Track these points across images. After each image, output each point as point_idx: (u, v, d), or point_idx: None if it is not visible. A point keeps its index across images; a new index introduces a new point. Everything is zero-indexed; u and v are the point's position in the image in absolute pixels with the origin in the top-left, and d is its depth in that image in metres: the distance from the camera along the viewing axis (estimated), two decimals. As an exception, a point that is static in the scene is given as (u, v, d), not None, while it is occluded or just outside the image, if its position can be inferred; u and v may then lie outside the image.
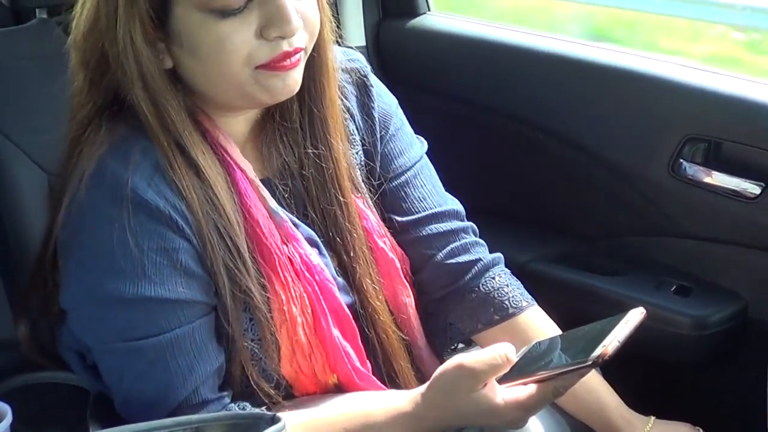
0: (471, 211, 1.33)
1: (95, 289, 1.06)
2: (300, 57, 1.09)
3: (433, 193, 1.29)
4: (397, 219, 1.26)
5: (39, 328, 1.22)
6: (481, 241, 1.31)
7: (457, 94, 1.91)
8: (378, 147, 1.26)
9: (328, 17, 1.14)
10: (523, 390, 1.00)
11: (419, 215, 1.27)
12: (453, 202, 1.31)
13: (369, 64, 1.30)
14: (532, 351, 1.04)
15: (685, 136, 1.59)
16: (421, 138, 1.34)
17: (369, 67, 1.29)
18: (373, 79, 1.28)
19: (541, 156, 1.80)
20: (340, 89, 1.22)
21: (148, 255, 1.05)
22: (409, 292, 1.25)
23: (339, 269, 1.19)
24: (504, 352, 1.00)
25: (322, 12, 1.12)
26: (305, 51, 1.10)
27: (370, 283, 1.19)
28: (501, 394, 1.01)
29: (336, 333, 1.14)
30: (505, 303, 1.26)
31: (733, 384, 1.58)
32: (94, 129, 1.09)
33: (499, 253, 1.31)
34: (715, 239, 1.60)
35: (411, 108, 1.34)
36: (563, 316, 1.26)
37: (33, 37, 1.56)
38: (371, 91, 1.26)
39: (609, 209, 1.73)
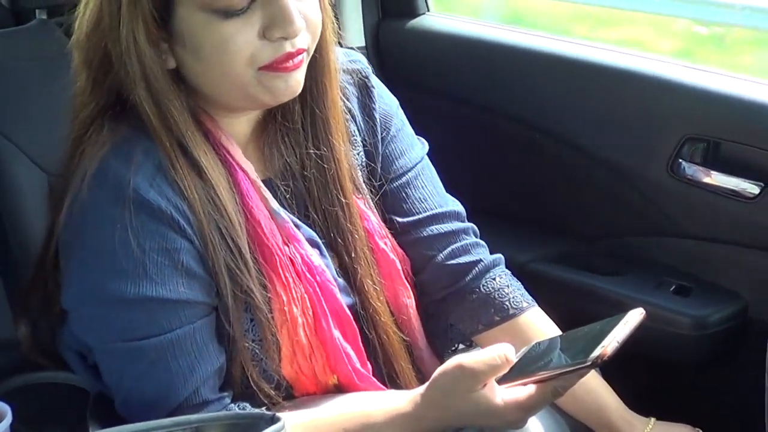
0: (471, 212, 1.33)
1: (97, 289, 1.06)
2: (302, 58, 1.09)
3: (434, 194, 1.29)
4: (398, 220, 1.26)
5: (39, 328, 1.22)
6: (482, 242, 1.31)
7: (456, 95, 1.91)
8: (379, 148, 1.26)
9: (330, 18, 1.14)
10: (523, 390, 1.00)
11: (420, 216, 1.27)
12: (454, 203, 1.31)
13: (368, 64, 1.30)
14: (532, 351, 1.04)
15: (684, 136, 1.59)
16: (422, 139, 1.34)
17: (370, 68, 1.29)
18: (375, 80, 1.28)
19: (541, 156, 1.80)
20: (342, 90, 1.22)
21: (150, 255, 1.05)
22: (410, 293, 1.25)
23: (340, 270, 1.19)
24: (503, 353, 1.00)
25: (324, 13, 1.12)
26: (308, 52, 1.10)
27: (371, 284, 1.19)
28: (500, 394, 1.01)
29: (337, 334, 1.14)
30: (506, 304, 1.26)
31: (732, 384, 1.58)
32: (96, 129, 1.09)
33: (499, 254, 1.32)
34: (715, 239, 1.60)
35: (410, 108, 1.34)
36: (563, 317, 1.26)
37: (33, 38, 1.55)
38: (372, 92, 1.26)
39: (609, 209, 1.73)
